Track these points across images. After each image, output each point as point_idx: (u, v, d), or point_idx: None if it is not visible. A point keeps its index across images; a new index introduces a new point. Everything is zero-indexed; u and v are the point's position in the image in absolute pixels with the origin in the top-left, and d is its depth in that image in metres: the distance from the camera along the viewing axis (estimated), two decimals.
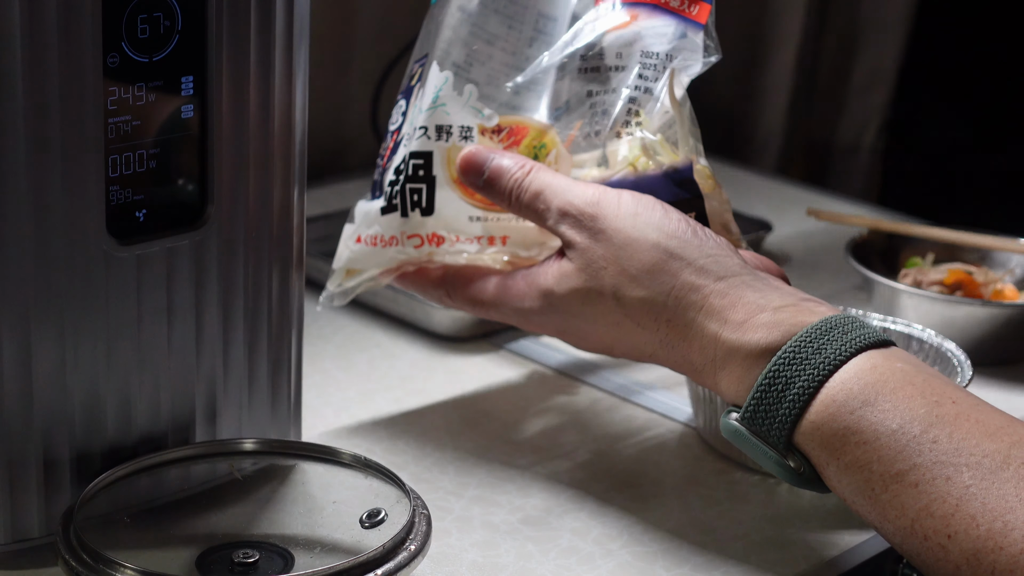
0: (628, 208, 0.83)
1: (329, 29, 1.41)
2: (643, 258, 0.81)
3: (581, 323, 0.85)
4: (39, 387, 0.73)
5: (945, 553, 0.70)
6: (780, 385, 0.75)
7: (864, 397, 0.73)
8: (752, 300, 0.78)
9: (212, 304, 0.78)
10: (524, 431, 0.95)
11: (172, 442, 0.79)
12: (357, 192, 1.36)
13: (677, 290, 0.80)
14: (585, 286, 0.83)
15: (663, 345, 0.81)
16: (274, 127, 0.78)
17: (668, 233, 0.81)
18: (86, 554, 0.70)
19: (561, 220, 0.84)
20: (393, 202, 0.90)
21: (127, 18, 0.72)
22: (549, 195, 0.85)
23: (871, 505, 0.73)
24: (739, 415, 0.77)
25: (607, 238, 0.82)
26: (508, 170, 0.87)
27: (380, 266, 0.92)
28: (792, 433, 0.75)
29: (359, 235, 0.92)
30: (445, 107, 0.89)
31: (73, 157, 0.71)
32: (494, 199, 0.88)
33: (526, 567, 0.80)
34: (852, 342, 0.75)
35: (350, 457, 0.79)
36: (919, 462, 0.71)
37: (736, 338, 0.77)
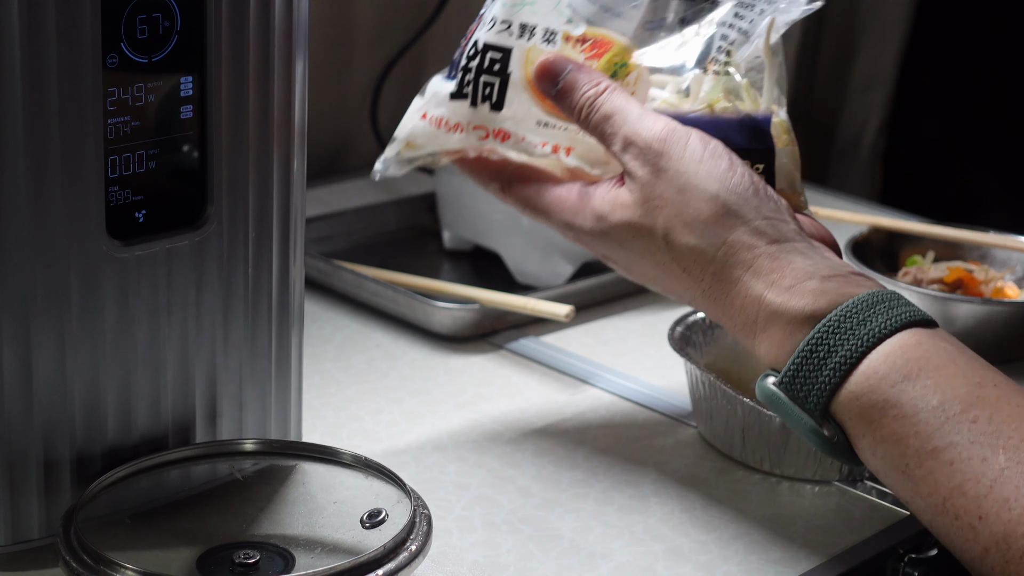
0: (694, 152, 0.81)
1: (329, 29, 1.41)
2: (700, 207, 0.80)
3: (628, 254, 0.84)
4: (39, 388, 0.73)
5: (975, 534, 0.70)
6: (822, 352, 0.75)
7: (907, 371, 0.73)
8: (801, 266, 0.78)
9: (212, 304, 0.78)
10: (524, 431, 0.95)
11: (173, 443, 0.79)
12: (357, 192, 1.36)
13: (728, 246, 0.79)
14: (638, 221, 0.82)
15: (705, 295, 0.81)
16: (274, 127, 0.78)
17: (729, 188, 0.80)
18: (87, 555, 0.70)
19: (626, 149, 0.83)
20: (464, 90, 0.88)
21: (126, 18, 0.72)
22: (619, 120, 0.83)
23: (903, 480, 0.73)
24: (777, 379, 0.77)
25: (668, 178, 0.81)
26: (583, 85, 0.85)
27: (440, 147, 0.90)
28: (830, 401, 0.75)
29: (425, 112, 0.90)
30: (533, 6, 0.87)
31: (72, 158, 0.71)
32: (564, 111, 0.86)
33: (527, 567, 0.80)
34: (898, 317, 0.75)
35: (351, 457, 0.79)
36: (956, 440, 0.71)
37: (781, 302, 0.77)
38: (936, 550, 0.86)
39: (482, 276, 1.18)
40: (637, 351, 1.07)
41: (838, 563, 0.82)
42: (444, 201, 1.21)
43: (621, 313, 1.14)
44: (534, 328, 1.09)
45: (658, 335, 1.07)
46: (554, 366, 1.04)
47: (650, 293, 1.17)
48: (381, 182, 1.39)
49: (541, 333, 1.09)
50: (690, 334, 0.97)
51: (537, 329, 1.09)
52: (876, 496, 0.89)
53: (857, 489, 0.89)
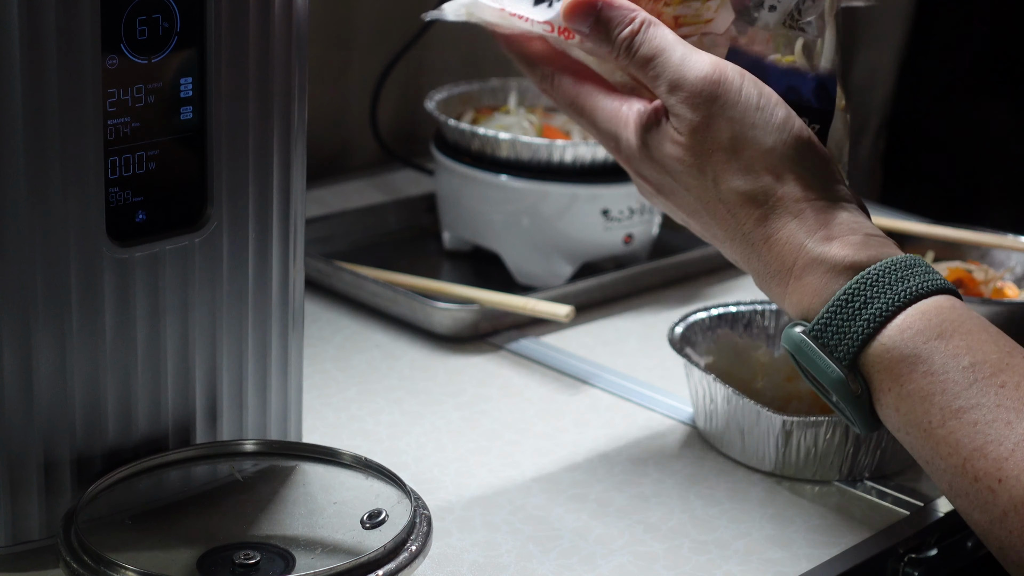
0: (749, 99, 0.79)
1: (329, 30, 1.41)
2: (753, 158, 0.79)
3: (672, 183, 0.81)
4: (40, 389, 0.73)
5: (993, 496, 0.70)
6: (858, 303, 0.75)
7: (941, 330, 0.73)
8: (847, 221, 0.78)
9: (212, 305, 0.78)
10: (524, 431, 0.95)
11: (173, 443, 0.79)
12: (357, 192, 1.36)
13: (779, 196, 0.79)
14: (688, 159, 0.80)
15: (744, 239, 0.80)
16: (273, 128, 0.78)
17: (786, 142, 0.79)
18: (87, 556, 0.70)
19: (673, 92, 0.79)
20: None
21: (126, 20, 0.72)
22: (663, 63, 0.79)
23: (924, 439, 0.73)
24: (807, 328, 0.76)
25: (721, 126, 0.78)
26: (622, 20, 0.80)
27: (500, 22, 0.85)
28: (860, 352, 0.75)
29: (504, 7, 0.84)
30: None
31: (72, 159, 0.71)
32: (599, 45, 0.81)
33: (527, 567, 0.80)
34: (935, 281, 0.75)
35: (351, 458, 0.79)
36: (983, 402, 0.71)
37: (823, 250, 0.77)
38: (936, 550, 0.86)
39: (482, 276, 1.18)
40: (637, 351, 1.07)
41: (838, 563, 0.82)
42: (444, 201, 1.21)
43: (621, 313, 1.14)
44: (534, 328, 1.09)
45: (658, 335, 1.07)
46: (554, 366, 1.04)
47: (650, 293, 1.17)
48: (381, 183, 1.39)
49: (541, 333, 1.09)
50: (690, 334, 0.97)
51: (537, 329, 1.09)
52: (876, 496, 0.89)
53: (857, 489, 0.89)
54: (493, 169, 1.15)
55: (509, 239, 1.16)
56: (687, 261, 1.21)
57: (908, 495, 0.89)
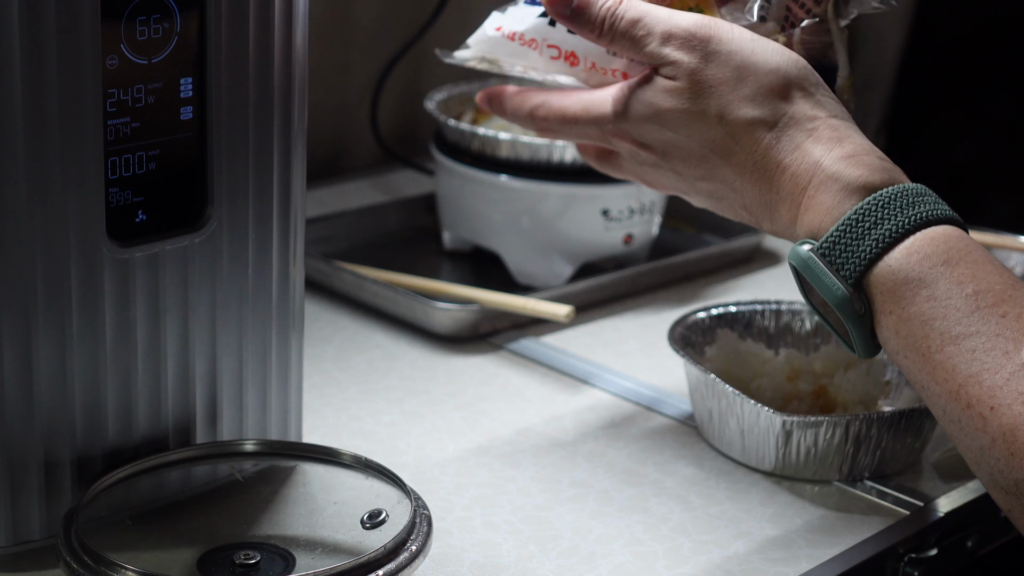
0: (744, 34, 0.81)
1: (329, 29, 1.41)
2: (761, 81, 0.80)
3: (673, 137, 0.82)
4: (40, 389, 0.73)
5: (984, 424, 0.70)
6: (869, 223, 0.75)
7: (947, 256, 0.74)
8: (860, 142, 0.79)
9: (212, 305, 0.78)
10: (524, 431, 0.95)
11: (173, 444, 0.79)
12: (357, 192, 1.36)
13: (791, 115, 0.79)
14: (686, 105, 0.81)
15: (756, 169, 0.80)
16: (274, 128, 0.78)
17: (790, 59, 0.81)
18: (87, 556, 0.70)
19: (666, 43, 0.81)
20: None
21: (126, 20, 0.72)
22: (650, 21, 0.82)
23: (922, 363, 0.73)
24: (814, 246, 0.77)
25: (721, 60, 0.80)
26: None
27: (506, 58, 0.89)
28: (867, 272, 0.75)
29: (501, 26, 0.89)
30: None
31: (73, 159, 0.71)
32: (583, 30, 0.84)
33: (527, 567, 0.80)
34: (944, 211, 0.76)
35: (351, 458, 0.79)
36: (982, 330, 0.71)
37: (838, 168, 0.77)
38: (936, 550, 0.86)
39: (482, 276, 1.18)
40: (637, 351, 1.07)
41: (838, 563, 0.82)
42: (444, 201, 1.21)
43: (621, 313, 1.14)
44: (534, 328, 1.09)
45: (658, 335, 1.07)
46: (554, 366, 1.04)
47: (650, 293, 1.17)
48: (381, 183, 1.39)
49: (541, 333, 1.09)
50: (690, 334, 0.97)
51: (537, 329, 1.09)
52: (876, 496, 0.89)
53: (857, 489, 0.89)
54: (493, 169, 1.15)
55: (509, 239, 1.16)
56: (687, 261, 1.21)
57: (908, 495, 0.89)
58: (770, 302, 1.01)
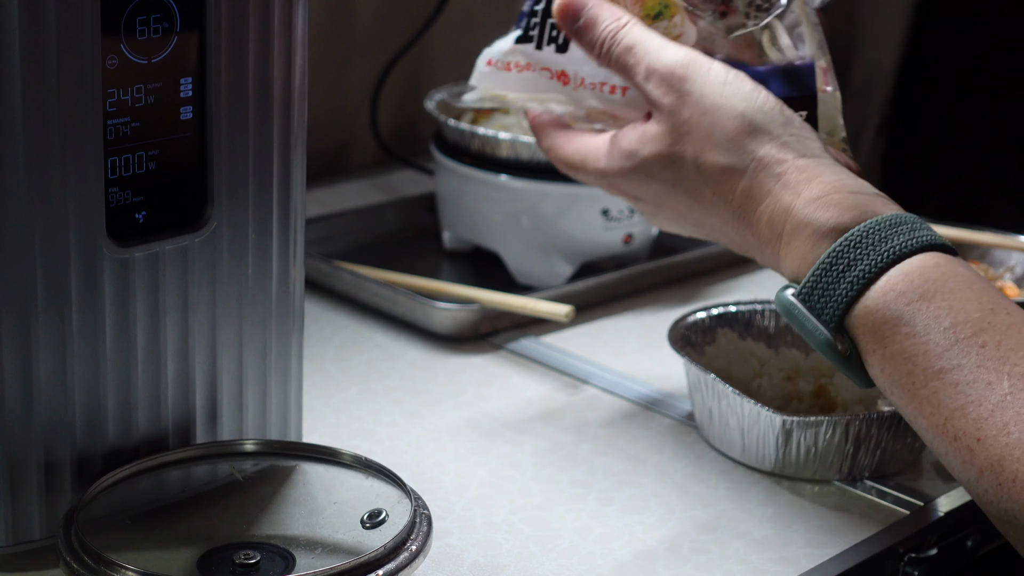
0: (718, 76, 0.83)
1: (329, 29, 1.41)
2: (727, 126, 0.81)
3: (659, 187, 0.85)
4: (40, 389, 0.73)
5: (972, 456, 0.71)
6: (842, 265, 0.76)
7: (923, 291, 0.74)
8: (829, 179, 0.79)
9: (212, 305, 0.78)
10: (524, 431, 0.95)
11: (173, 443, 0.79)
12: (357, 192, 1.36)
13: (758, 160, 0.81)
14: (668, 150, 0.83)
15: (735, 216, 0.82)
16: (273, 128, 0.78)
17: (755, 106, 0.82)
18: (87, 556, 0.70)
19: (649, 78, 0.84)
20: (530, 34, 0.91)
21: (126, 20, 0.72)
22: (640, 51, 0.85)
23: (908, 398, 0.74)
24: (795, 290, 0.78)
25: (693, 102, 0.83)
26: (603, 21, 0.87)
27: (506, 90, 0.93)
28: (846, 314, 0.76)
29: (491, 59, 0.93)
30: None
31: (72, 159, 0.71)
32: (585, 48, 0.88)
33: (527, 567, 0.80)
34: (919, 239, 0.76)
35: (351, 458, 0.79)
36: (963, 363, 0.72)
37: (808, 213, 0.78)
38: (936, 550, 0.86)
39: (482, 276, 1.18)
40: (637, 351, 1.08)
41: (838, 563, 0.82)
42: (444, 201, 1.21)
43: (621, 313, 1.14)
44: (534, 328, 1.09)
45: (658, 335, 1.07)
46: (554, 366, 1.04)
47: (650, 293, 1.17)
48: (381, 183, 1.39)
49: (541, 333, 1.09)
50: (690, 334, 0.97)
51: (537, 329, 1.09)
52: (876, 496, 0.89)
53: (857, 489, 0.89)
54: (493, 169, 1.15)
55: (509, 239, 1.16)
56: (687, 261, 1.21)
57: (908, 495, 0.89)
58: (770, 302, 1.01)
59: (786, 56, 0.87)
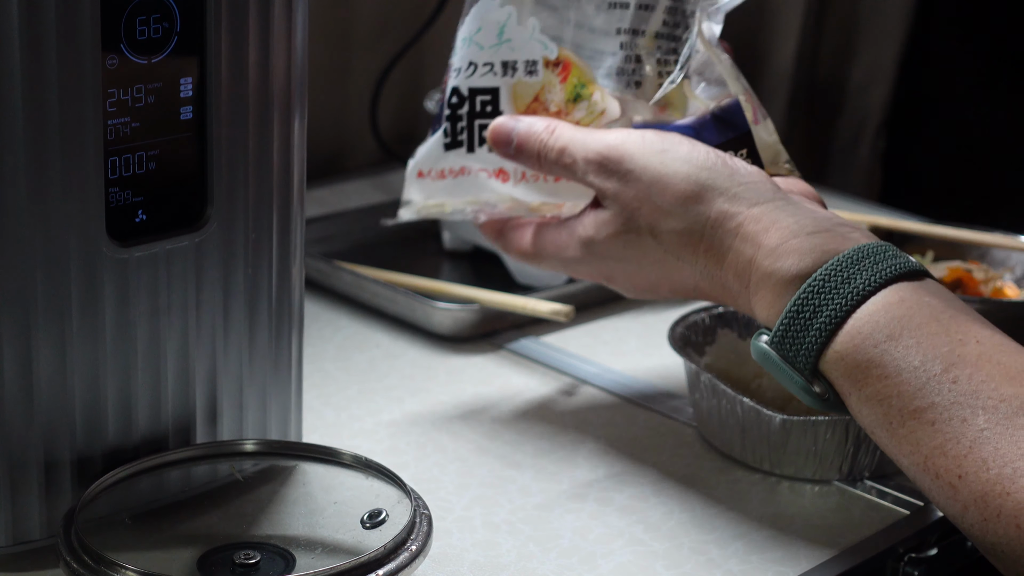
0: (654, 145, 0.83)
1: (329, 29, 1.41)
2: (675, 191, 0.82)
3: (625, 266, 0.86)
4: (40, 389, 0.73)
5: (954, 492, 0.71)
6: (808, 312, 0.76)
7: (889, 331, 0.74)
8: (786, 224, 0.79)
9: (212, 305, 0.78)
10: (524, 431, 0.95)
11: (173, 443, 0.79)
12: (357, 192, 1.36)
13: (713, 219, 0.81)
14: (622, 229, 0.84)
15: (703, 275, 0.82)
16: (273, 128, 0.78)
17: (698, 165, 0.82)
18: (87, 556, 0.70)
19: (588, 170, 0.85)
20: (459, 138, 0.91)
21: (126, 20, 0.72)
22: (573, 148, 0.86)
23: (888, 438, 0.73)
24: (769, 338, 0.78)
25: (636, 178, 0.83)
26: (534, 134, 0.88)
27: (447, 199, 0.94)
28: (818, 360, 0.76)
29: (421, 170, 0.93)
30: (510, 43, 0.90)
31: (72, 159, 0.71)
32: (526, 164, 0.89)
33: (527, 567, 0.80)
34: (882, 272, 0.75)
35: (351, 457, 0.79)
36: (937, 401, 0.71)
37: (769, 264, 0.78)
38: (936, 550, 0.86)
39: (482, 276, 1.18)
40: (637, 351, 1.08)
41: (838, 563, 0.82)
42: None
43: (621, 313, 1.14)
44: (534, 328, 1.09)
45: (658, 335, 1.07)
46: (554, 366, 1.04)
47: None
48: (381, 183, 1.39)
49: (541, 333, 1.09)
50: (690, 334, 0.97)
51: (537, 329, 1.09)
52: (876, 496, 0.89)
53: (857, 489, 0.89)
54: None
55: None
56: None
57: (908, 495, 0.89)
58: None
59: (709, 101, 0.87)
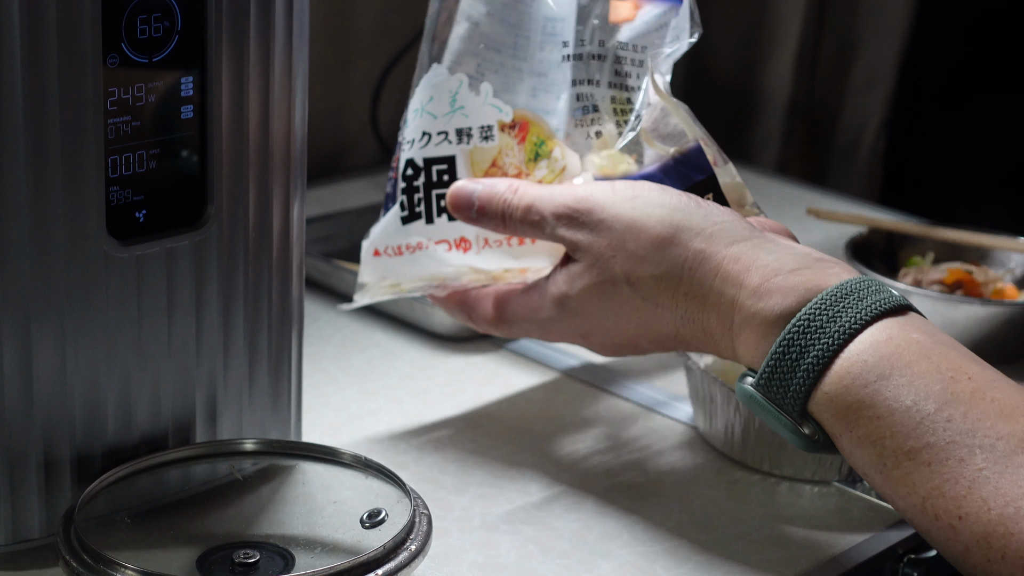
0: (623, 193, 0.82)
1: (329, 29, 1.41)
2: (650, 235, 0.80)
3: (602, 320, 0.84)
4: (40, 388, 0.73)
5: (955, 534, 0.69)
6: (794, 353, 0.74)
7: (879, 371, 0.72)
8: (766, 263, 0.77)
9: (212, 304, 0.78)
10: (524, 431, 0.95)
11: (173, 442, 0.79)
12: (357, 192, 1.36)
13: (690, 261, 0.79)
14: (597, 280, 0.82)
15: (684, 321, 0.80)
16: (274, 127, 0.78)
17: (671, 207, 0.80)
18: (87, 555, 0.70)
19: (558, 224, 0.84)
20: (416, 210, 0.90)
21: (127, 19, 0.72)
22: (540, 204, 0.84)
23: (883, 480, 0.72)
24: (754, 380, 0.76)
25: (608, 227, 0.81)
26: (496, 195, 0.86)
27: (406, 277, 0.92)
28: (806, 402, 0.74)
29: (377, 248, 0.92)
30: (464, 110, 0.89)
31: (73, 158, 0.71)
32: (490, 227, 0.87)
33: (527, 567, 0.80)
34: (868, 309, 0.74)
35: (350, 457, 0.79)
36: (932, 441, 0.70)
37: (752, 304, 0.76)
38: (936, 550, 0.86)
39: None
40: None
41: (838, 563, 0.82)
42: None
43: None
44: None
45: None
46: (554, 366, 1.04)
47: None
48: (381, 183, 1.39)
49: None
50: None
51: None
52: (876, 496, 0.89)
53: (857, 489, 0.89)
54: None
55: None
56: None
57: None
58: None
59: (669, 147, 0.86)
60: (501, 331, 0.91)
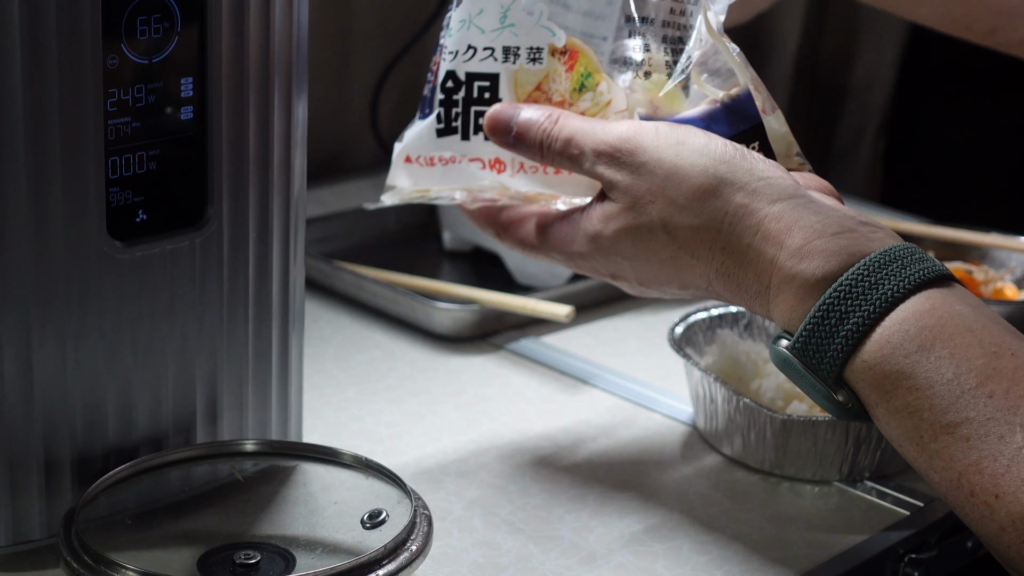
0: (668, 137, 0.79)
1: (329, 29, 1.41)
2: (692, 185, 0.77)
3: (633, 263, 0.81)
4: (40, 388, 0.73)
5: (991, 512, 0.68)
6: (834, 319, 0.72)
7: (920, 341, 0.70)
8: (809, 224, 0.75)
9: (212, 305, 0.78)
10: (524, 431, 0.95)
11: (173, 443, 0.79)
12: (357, 192, 1.36)
13: (731, 215, 0.76)
14: (633, 224, 0.80)
15: (719, 274, 0.78)
16: (274, 128, 0.78)
17: (716, 158, 0.78)
18: (87, 555, 0.70)
19: (598, 161, 0.80)
20: (453, 124, 0.87)
21: (126, 20, 0.72)
22: (581, 138, 0.81)
23: (918, 452, 0.71)
24: (790, 343, 0.74)
25: (650, 170, 0.78)
26: (535, 122, 0.83)
27: (436, 185, 0.89)
28: (843, 369, 0.72)
29: (409, 155, 0.89)
30: (514, 28, 0.86)
31: (73, 159, 0.71)
32: (526, 154, 0.84)
33: (527, 567, 0.80)
34: (911, 278, 0.72)
35: (351, 458, 0.79)
36: (972, 416, 0.69)
37: (792, 265, 0.74)
38: (936, 550, 0.86)
39: (482, 276, 1.18)
40: (637, 351, 1.08)
41: (838, 563, 0.82)
42: None
43: (621, 313, 1.14)
44: (534, 328, 1.09)
45: (658, 335, 1.07)
46: (554, 366, 1.04)
47: None
48: (381, 183, 1.38)
49: (541, 333, 1.09)
50: (690, 334, 0.97)
51: (537, 329, 1.09)
52: (876, 496, 0.89)
53: (857, 489, 0.89)
54: None
55: None
56: None
57: (908, 495, 0.89)
58: None
59: (720, 91, 0.83)
60: (533, 254, 0.88)
